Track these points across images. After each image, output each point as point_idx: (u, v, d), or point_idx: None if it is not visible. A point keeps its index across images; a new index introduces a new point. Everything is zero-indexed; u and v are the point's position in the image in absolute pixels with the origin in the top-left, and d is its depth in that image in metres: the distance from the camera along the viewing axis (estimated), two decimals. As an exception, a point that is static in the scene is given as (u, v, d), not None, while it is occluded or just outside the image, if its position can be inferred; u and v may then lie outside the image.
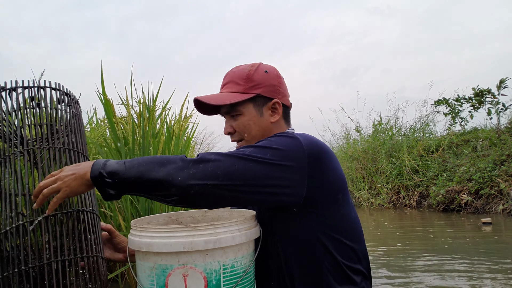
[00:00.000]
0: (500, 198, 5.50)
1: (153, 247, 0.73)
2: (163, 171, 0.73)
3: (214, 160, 0.75)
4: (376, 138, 8.85)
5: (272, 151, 0.78)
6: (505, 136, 6.38)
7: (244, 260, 0.79)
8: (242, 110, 0.94)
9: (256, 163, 0.76)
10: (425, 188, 7.00)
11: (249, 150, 0.79)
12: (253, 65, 0.97)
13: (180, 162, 0.74)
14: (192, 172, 0.73)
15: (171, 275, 0.73)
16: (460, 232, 4.35)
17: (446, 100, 8.51)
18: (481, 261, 2.94)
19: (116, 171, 0.74)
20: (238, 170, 0.75)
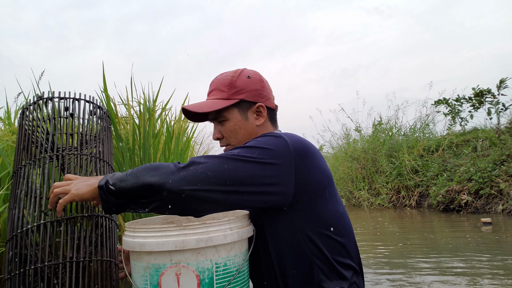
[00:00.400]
0: (500, 198, 5.50)
1: (146, 246, 0.74)
2: (156, 175, 0.75)
3: (204, 163, 0.76)
4: (376, 138, 8.85)
5: (259, 150, 0.80)
6: (505, 136, 6.38)
7: (237, 259, 0.80)
8: (227, 115, 0.98)
9: (245, 163, 0.78)
10: (425, 188, 7.00)
11: (237, 150, 0.81)
12: (236, 71, 1.01)
13: (172, 166, 0.76)
14: (183, 175, 0.74)
15: (164, 274, 0.74)
16: (460, 232, 4.35)
17: (446, 100, 8.51)
18: (481, 261, 2.95)
19: (119, 178, 0.77)
20: (228, 170, 0.76)
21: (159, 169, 0.76)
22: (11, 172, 2.28)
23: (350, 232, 0.93)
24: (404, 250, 3.57)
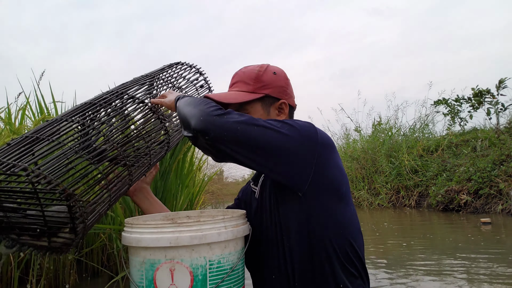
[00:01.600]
0: (499, 198, 5.51)
1: (142, 242, 0.77)
2: (195, 108, 0.83)
3: (239, 116, 0.81)
4: (376, 138, 8.86)
5: (289, 126, 0.82)
6: (504, 136, 6.40)
7: (231, 257, 0.81)
8: (250, 109, 0.97)
9: (274, 132, 0.80)
10: (425, 188, 7.01)
11: (269, 120, 0.83)
12: (261, 66, 1.01)
13: (212, 107, 0.82)
14: (214, 118, 0.79)
15: (159, 270, 0.76)
16: (460, 232, 4.36)
17: (445, 100, 8.53)
18: (480, 261, 2.95)
19: (182, 102, 0.90)
20: (256, 131, 0.79)
21: (201, 105, 0.83)
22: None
23: (359, 233, 0.93)
24: (404, 250, 3.58)
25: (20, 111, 2.97)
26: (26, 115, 3.06)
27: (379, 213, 6.66)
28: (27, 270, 2.41)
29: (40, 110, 2.67)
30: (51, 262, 2.31)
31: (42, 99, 2.71)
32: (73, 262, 2.42)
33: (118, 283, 2.35)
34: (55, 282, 2.34)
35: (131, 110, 1.04)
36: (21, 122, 2.97)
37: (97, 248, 2.77)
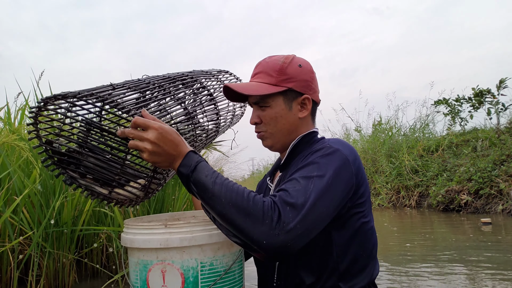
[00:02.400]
0: (500, 198, 5.50)
1: (135, 243, 0.78)
2: (247, 224, 0.68)
3: (296, 213, 0.69)
4: (376, 138, 8.85)
5: (333, 179, 0.77)
6: (504, 136, 6.39)
7: (225, 259, 0.80)
8: (271, 102, 0.93)
9: (326, 200, 0.75)
10: (425, 188, 7.00)
11: (317, 182, 0.75)
12: (287, 57, 0.95)
13: (270, 222, 0.67)
14: (281, 238, 0.67)
15: (151, 271, 0.77)
16: (460, 232, 4.36)
17: (446, 100, 8.52)
18: (481, 261, 2.95)
19: (203, 186, 0.72)
20: (318, 209, 0.72)
21: (252, 217, 0.67)
22: (11, 173, 2.28)
23: (376, 251, 0.93)
24: (404, 250, 3.57)
25: (20, 111, 2.96)
26: (25, 115, 3.06)
27: (380, 213, 6.65)
28: (26, 270, 2.40)
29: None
30: (51, 262, 2.31)
31: (41, 99, 2.69)
32: (72, 262, 2.41)
33: (117, 283, 2.34)
34: (54, 283, 2.33)
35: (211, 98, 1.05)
36: (21, 122, 2.97)
37: (96, 249, 2.76)
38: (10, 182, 2.26)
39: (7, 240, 2.24)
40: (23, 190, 2.26)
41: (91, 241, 2.78)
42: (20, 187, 2.30)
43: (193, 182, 0.72)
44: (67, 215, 2.34)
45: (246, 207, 0.68)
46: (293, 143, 0.95)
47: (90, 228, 2.63)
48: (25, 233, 2.26)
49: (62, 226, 2.36)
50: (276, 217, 0.67)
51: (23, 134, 2.67)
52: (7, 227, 2.18)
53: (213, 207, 0.70)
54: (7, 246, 2.07)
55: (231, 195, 0.70)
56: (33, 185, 2.28)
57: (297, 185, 0.73)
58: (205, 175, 0.72)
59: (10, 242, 2.12)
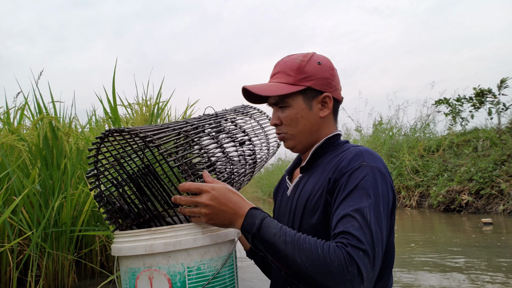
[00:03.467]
0: (500, 198, 5.49)
1: (122, 251, 0.77)
2: (327, 281, 0.66)
3: (373, 257, 0.70)
4: (377, 138, 8.84)
5: (382, 206, 0.77)
6: (506, 136, 6.37)
7: (214, 263, 0.79)
8: (290, 102, 0.90)
9: (381, 225, 0.75)
10: (426, 188, 6.99)
11: (372, 213, 0.75)
12: (306, 55, 0.93)
13: (349, 276, 0.67)
14: (355, 283, 0.67)
15: (139, 278, 0.76)
16: (461, 233, 4.34)
17: (446, 100, 8.51)
18: (482, 261, 2.94)
19: (273, 246, 0.70)
20: (376, 240, 0.72)
21: (334, 277, 0.66)
22: (10, 173, 2.28)
23: (392, 265, 0.90)
24: (405, 250, 3.56)
25: (19, 111, 2.96)
26: (24, 115, 3.05)
27: (380, 213, 6.64)
28: (26, 271, 2.40)
29: (39, 110, 2.66)
30: (50, 263, 2.30)
31: (41, 99, 2.69)
32: (72, 263, 2.41)
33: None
34: (54, 283, 2.32)
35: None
36: (20, 122, 2.96)
37: (95, 249, 2.76)
38: (9, 182, 2.25)
39: (6, 240, 2.23)
40: (22, 190, 2.26)
41: (90, 241, 2.78)
42: (19, 187, 2.29)
43: (261, 242, 0.70)
44: (66, 216, 2.33)
45: (324, 266, 0.66)
46: (316, 146, 0.93)
47: (89, 229, 2.62)
48: (24, 234, 2.26)
49: (61, 226, 2.35)
50: (356, 271, 0.66)
51: (22, 134, 2.66)
52: (6, 227, 2.18)
53: (288, 267, 0.69)
54: (6, 246, 2.07)
55: (306, 254, 0.67)
56: (32, 185, 2.27)
57: (355, 223, 0.72)
58: (273, 233, 0.70)
59: (9, 243, 2.12)
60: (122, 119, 2.50)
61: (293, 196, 0.93)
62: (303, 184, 0.91)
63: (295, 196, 0.92)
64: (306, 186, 0.89)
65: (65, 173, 2.40)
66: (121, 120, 2.45)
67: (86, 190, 2.44)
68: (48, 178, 2.35)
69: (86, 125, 3.58)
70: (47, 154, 2.37)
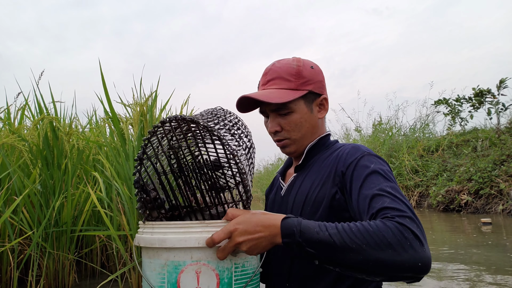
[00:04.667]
0: (500, 198, 5.50)
1: (167, 242, 0.73)
2: (392, 256, 0.63)
3: (417, 223, 0.69)
4: (376, 138, 8.85)
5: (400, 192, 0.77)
6: (505, 136, 6.38)
7: (253, 261, 0.79)
8: (293, 107, 0.90)
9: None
10: (425, 188, 7.00)
11: (390, 185, 0.76)
12: (298, 60, 0.94)
13: (409, 242, 0.65)
14: (424, 252, 0.65)
15: (183, 272, 0.73)
16: (460, 232, 4.35)
17: (446, 100, 8.52)
18: (481, 261, 2.94)
19: (323, 244, 0.65)
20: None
21: (395, 249, 0.63)
22: (11, 173, 2.28)
23: None
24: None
25: (19, 111, 2.96)
26: (25, 115, 3.06)
27: (380, 213, 6.66)
28: (26, 270, 2.41)
29: (39, 110, 2.66)
30: (51, 262, 2.31)
31: (41, 99, 2.69)
32: (72, 262, 2.41)
33: (117, 283, 2.34)
34: (54, 283, 2.33)
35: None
36: (20, 122, 2.97)
37: (96, 249, 2.76)
38: (10, 182, 2.26)
39: (7, 240, 2.24)
40: (23, 190, 2.26)
41: (90, 241, 2.79)
42: (20, 187, 2.30)
43: (309, 246, 0.66)
44: (67, 215, 2.34)
45: (382, 240, 0.64)
46: (310, 145, 0.94)
47: (90, 228, 2.63)
48: (25, 233, 2.26)
49: (61, 226, 2.36)
50: (412, 236, 0.65)
51: (23, 135, 2.67)
52: (7, 227, 2.18)
53: (346, 258, 0.65)
54: (7, 246, 2.07)
55: (358, 237, 0.65)
56: (33, 185, 2.28)
57: (386, 199, 0.72)
58: (316, 232, 0.66)
59: (10, 242, 2.12)
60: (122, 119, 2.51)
61: (288, 195, 0.93)
62: (299, 182, 0.92)
63: (290, 195, 0.92)
64: (303, 184, 0.90)
65: (66, 173, 2.41)
66: (120, 120, 2.45)
67: (87, 190, 2.45)
68: (48, 178, 2.36)
69: (86, 125, 3.58)
70: (48, 154, 2.37)
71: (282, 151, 0.97)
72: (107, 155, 2.78)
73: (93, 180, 2.82)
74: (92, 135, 3.31)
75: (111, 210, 2.34)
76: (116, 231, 2.12)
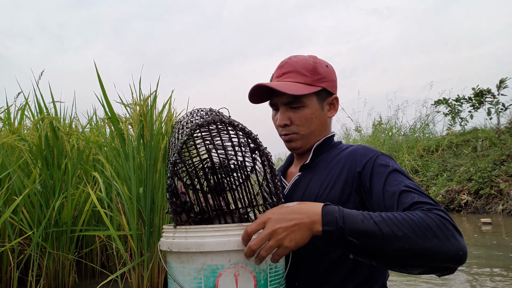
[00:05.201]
0: (500, 198, 5.50)
1: (205, 246, 0.72)
2: (438, 245, 0.63)
3: (440, 211, 0.69)
4: (376, 138, 8.85)
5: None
6: (505, 136, 6.38)
7: (282, 261, 0.79)
8: (306, 102, 0.90)
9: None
10: (425, 188, 7.00)
11: (412, 183, 0.76)
12: (314, 57, 0.94)
13: (451, 232, 0.65)
14: (463, 243, 0.66)
15: (221, 275, 0.72)
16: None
17: (446, 100, 8.52)
18: (481, 261, 2.94)
19: (368, 233, 0.63)
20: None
21: (440, 238, 0.63)
22: (11, 173, 2.28)
23: None
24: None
25: (19, 111, 2.96)
26: (25, 115, 3.06)
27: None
28: (26, 270, 2.41)
29: (39, 110, 2.66)
30: (51, 262, 2.31)
31: (41, 99, 2.70)
32: (72, 262, 2.41)
33: (117, 283, 2.34)
34: (54, 283, 2.33)
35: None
36: (20, 122, 2.97)
37: (96, 249, 2.77)
38: (10, 182, 2.26)
39: (7, 240, 2.24)
40: (23, 190, 2.26)
41: (91, 241, 2.79)
42: (20, 187, 2.30)
43: (351, 235, 0.63)
44: (67, 215, 2.34)
45: (428, 229, 0.63)
46: (316, 144, 0.94)
47: (90, 228, 2.63)
48: (25, 233, 2.26)
49: (62, 226, 2.36)
50: (451, 226, 0.65)
51: (23, 135, 2.67)
52: (7, 227, 2.19)
53: (391, 247, 0.63)
54: (7, 246, 2.07)
55: (404, 226, 0.63)
56: (33, 185, 2.28)
57: (415, 194, 0.73)
58: (360, 220, 0.64)
59: (10, 242, 2.12)
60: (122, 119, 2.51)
61: (293, 194, 0.93)
62: (305, 182, 0.91)
63: (296, 195, 0.92)
64: (311, 183, 0.90)
65: (66, 173, 2.41)
66: (120, 120, 2.45)
67: (87, 190, 2.45)
68: (48, 178, 2.36)
69: (86, 125, 3.58)
70: (48, 154, 2.37)
71: (287, 146, 0.97)
72: (107, 155, 2.78)
73: (93, 180, 2.82)
74: (92, 135, 3.31)
75: (111, 210, 2.34)
76: (116, 231, 2.12)
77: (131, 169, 2.11)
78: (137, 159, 2.21)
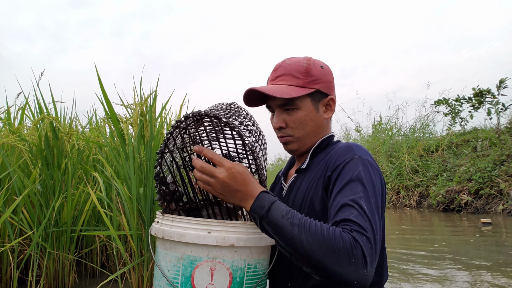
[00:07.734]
0: (500, 198, 5.50)
1: (186, 237, 0.75)
2: (338, 265, 0.66)
3: (372, 245, 0.70)
4: (376, 138, 8.85)
5: (375, 198, 0.77)
6: (505, 136, 6.38)
7: (264, 263, 0.81)
8: (300, 104, 0.91)
9: (376, 213, 0.76)
10: (425, 188, 7.00)
11: (365, 203, 0.75)
12: (308, 58, 0.95)
13: (354, 259, 0.67)
14: (367, 274, 0.67)
15: (198, 267, 0.75)
16: (460, 232, 4.35)
17: (446, 100, 8.52)
18: (481, 261, 2.94)
19: (281, 228, 0.70)
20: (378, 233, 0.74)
21: (339, 259, 0.66)
22: (11, 173, 2.28)
23: (386, 255, 0.91)
24: (404, 250, 3.57)
25: (20, 111, 2.96)
26: (25, 115, 3.06)
27: (380, 213, 6.65)
28: (26, 270, 2.41)
29: (39, 110, 2.66)
30: (51, 262, 2.31)
31: (42, 99, 2.70)
32: (72, 262, 2.41)
33: (117, 283, 2.34)
34: (54, 283, 2.33)
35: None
36: (21, 122, 2.97)
37: (96, 249, 2.76)
38: (10, 182, 2.26)
39: (7, 240, 2.24)
40: (23, 190, 2.26)
41: (90, 241, 2.79)
42: (20, 187, 2.30)
43: (268, 224, 0.71)
44: (67, 215, 2.34)
45: (330, 247, 0.66)
46: (313, 147, 0.94)
47: (90, 228, 2.63)
48: (25, 233, 2.26)
49: (61, 226, 2.36)
50: (360, 255, 0.67)
51: (23, 135, 2.67)
52: (7, 227, 2.19)
53: (294, 249, 0.69)
54: (7, 246, 2.07)
55: (312, 236, 0.68)
56: (33, 185, 2.28)
57: (354, 211, 0.72)
58: (281, 216, 0.71)
59: (10, 242, 2.12)
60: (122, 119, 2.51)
61: (289, 196, 0.94)
62: (298, 183, 0.93)
63: (291, 196, 0.93)
64: (301, 185, 0.91)
65: (66, 173, 2.41)
66: (120, 120, 2.45)
67: (87, 190, 2.45)
68: (48, 178, 2.36)
69: (86, 125, 3.58)
70: (48, 154, 2.37)
71: (284, 148, 0.98)
72: (107, 155, 2.78)
73: (93, 180, 2.82)
74: (92, 135, 3.31)
75: (111, 210, 2.34)
76: (116, 231, 2.12)
77: (131, 169, 2.11)
78: (137, 159, 2.20)
